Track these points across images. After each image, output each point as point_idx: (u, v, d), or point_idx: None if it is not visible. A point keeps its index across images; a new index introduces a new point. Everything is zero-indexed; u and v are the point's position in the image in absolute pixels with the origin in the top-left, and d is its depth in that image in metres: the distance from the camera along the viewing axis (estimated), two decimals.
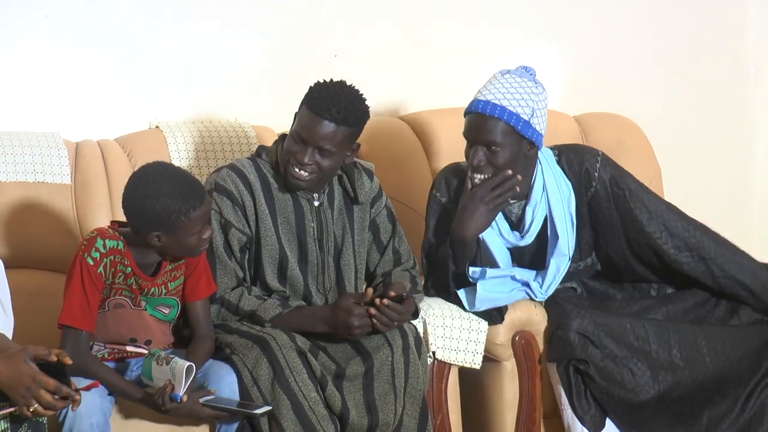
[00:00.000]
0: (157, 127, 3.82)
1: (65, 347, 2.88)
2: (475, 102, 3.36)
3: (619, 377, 3.36)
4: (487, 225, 3.38)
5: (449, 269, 3.37)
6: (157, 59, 3.91)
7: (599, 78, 4.52)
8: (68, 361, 2.52)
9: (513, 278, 3.43)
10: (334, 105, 3.14)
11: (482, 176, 3.35)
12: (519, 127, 3.31)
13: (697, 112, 4.70)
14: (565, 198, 3.46)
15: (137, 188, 2.95)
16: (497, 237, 3.46)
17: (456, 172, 3.52)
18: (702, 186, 4.57)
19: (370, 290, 3.18)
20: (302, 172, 3.18)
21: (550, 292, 3.47)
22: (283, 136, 3.29)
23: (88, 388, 2.63)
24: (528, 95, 3.34)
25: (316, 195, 3.28)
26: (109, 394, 2.92)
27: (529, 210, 3.45)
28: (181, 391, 2.84)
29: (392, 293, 3.14)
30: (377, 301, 3.12)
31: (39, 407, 2.50)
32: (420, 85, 4.22)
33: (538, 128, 3.35)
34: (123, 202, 2.97)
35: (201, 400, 2.90)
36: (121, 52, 3.87)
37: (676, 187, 4.03)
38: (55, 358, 2.51)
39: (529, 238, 3.47)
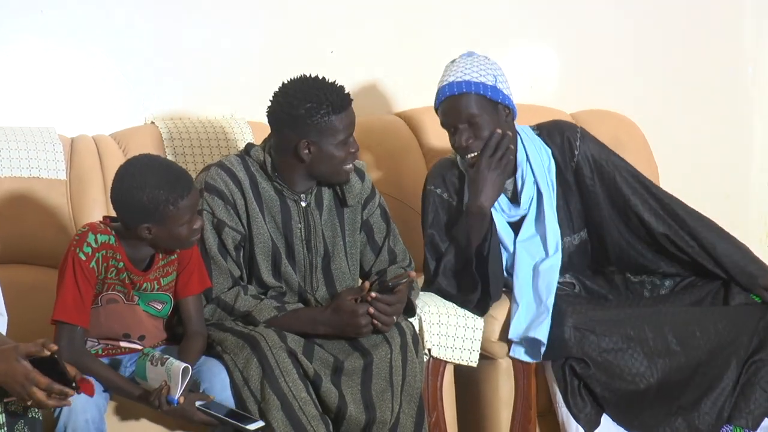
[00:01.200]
0: (152, 122, 3.81)
1: (60, 344, 2.86)
2: (440, 91, 3.47)
3: (617, 369, 3.36)
4: (501, 189, 3.44)
5: (471, 256, 3.39)
6: (153, 54, 3.90)
7: (596, 75, 4.51)
8: (53, 347, 2.51)
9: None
10: (343, 92, 3.18)
11: (474, 154, 3.41)
12: (489, 94, 3.41)
13: (695, 110, 4.69)
14: (546, 166, 3.53)
15: (123, 181, 2.94)
16: (498, 214, 3.49)
17: (450, 165, 3.56)
18: (699, 184, 4.57)
19: (367, 283, 3.16)
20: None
21: (559, 249, 3.49)
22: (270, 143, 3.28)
23: (81, 384, 2.61)
24: (483, 65, 3.45)
25: (303, 195, 3.27)
26: (104, 391, 2.91)
27: (518, 179, 3.51)
28: (177, 394, 2.82)
29: (385, 284, 3.15)
30: (368, 296, 3.12)
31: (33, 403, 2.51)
32: (416, 82, 4.21)
33: (506, 92, 3.45)
34: (111, 196, 2.97)
35: (197, 404, 2.88)
36: (117, 47, 3.86)
37: (673, 185, 4.02)
38: (47, 353, 2.51)
39: (525, 205, 3.51)
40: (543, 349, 3.36)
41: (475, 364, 3.37)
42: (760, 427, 3.41)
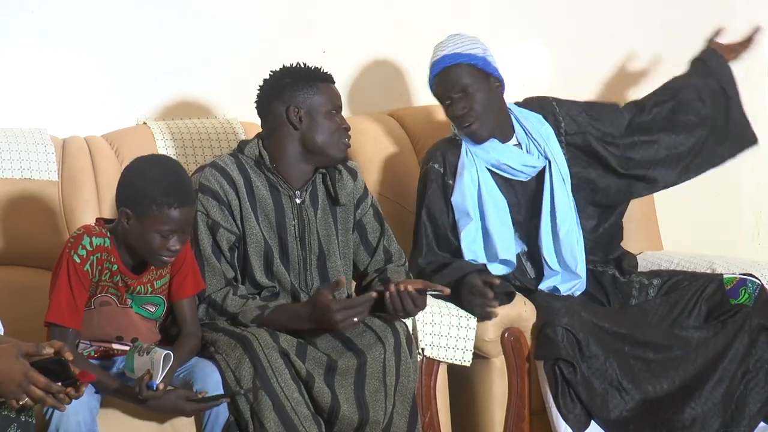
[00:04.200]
0: (144, 123, 3.81)
1: None
2: (433, 65, 3.59)
3: (601, 389, 3.37)
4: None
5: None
6: (145, 55, 3.90)
7: (589, 75, 4.52)
8: (69, 356, 2.51)
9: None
10: (323, 70, 3.28)
11: (470, 123, 3.52)
12: (480, 65, 3.54)
13: None
14: (543, 130, 3.64)
15: (135, 163, 2.98)
16: (496, 191, 3.57)
17: (451, 144, 3.63)
18: (692, 183, 4.56)
19: (343, 278, 3.18)
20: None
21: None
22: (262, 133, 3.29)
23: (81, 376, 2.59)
24: (472, 41, 3.59)
25: (298, 192, 3.28)
26: (96, 392, 2.90)
27: (517, 138, 3.61)
28: (157, 379, 2.82)
29: (417, 287, 3.18)
30: (401, 286, 3.13)
31: (29, 401, 2.50)
32: (408, 81, 4.21)
33: (494, 64, 3.57)
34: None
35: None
36: (108, 47, 3.86)
37: None
38: (51, 350, 2.50)
39: (536, 155, 3.59)
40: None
41: (468, 363, 3.37)
42: (757, 429, 3.42)
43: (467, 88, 3.51)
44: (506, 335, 3.43)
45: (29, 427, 2.60)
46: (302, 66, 3.28)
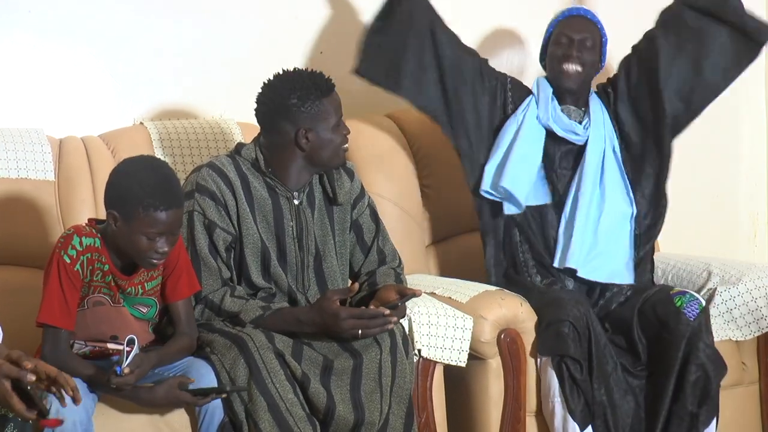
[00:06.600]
0: (141, 123, 3.81)
1: (45, 346, 2.89)
2: (576, 9, 3.81)
3: (598, 394, 3.38)
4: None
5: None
6: (141, 55, 3.90)
7: None
8: (31, 378, 2.41)
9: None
10: (324, 77, 3.25)
11: (574, 64, 3.70)
12: (603, 40, 3.78)
13: None
14: (606, 126, 3.79)
15: (123, 163, 2.97)
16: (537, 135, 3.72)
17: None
18: (688, 183, 4.57)
19: (356, 285, 3.17)
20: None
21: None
22: (260, 135, 3.29)
23: (53, 425, 2.59)
24: (603, 27, 3.80)
25: (296, 193, 3.28)
26: (91, 392, 2.91)
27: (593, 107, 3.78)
28: (123, 364, 2.82)
29: (392, 299, 3.18)
30: (371, 306, 3.12)
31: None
32: None
33: (605, 51, 3.80)
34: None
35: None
36: (105, 47, 3.86)
37: None
38: (33, 378, 2.41)
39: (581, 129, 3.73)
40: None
41: (463, 364, 3.37)
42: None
43: (587, 41, 3.69)
44: (502, 336, 3.44)
45: (26, 427, 2.60)
46: (306, 76, 3.22)
